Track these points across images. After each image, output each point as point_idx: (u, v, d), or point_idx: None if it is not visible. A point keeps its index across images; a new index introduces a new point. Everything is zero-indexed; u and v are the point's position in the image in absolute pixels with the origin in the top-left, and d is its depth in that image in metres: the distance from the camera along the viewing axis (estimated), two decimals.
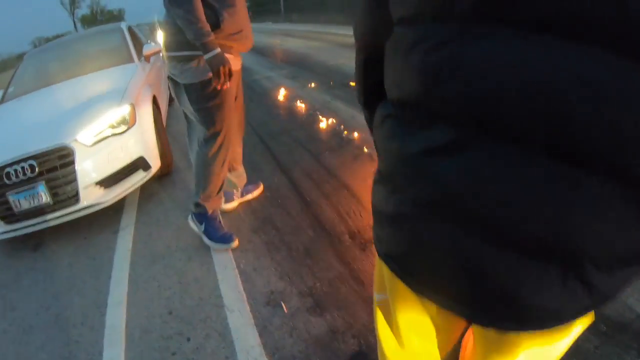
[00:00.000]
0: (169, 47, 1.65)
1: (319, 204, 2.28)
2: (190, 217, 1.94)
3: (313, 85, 4.93)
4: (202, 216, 1.87)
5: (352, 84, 4.86)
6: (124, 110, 2.27)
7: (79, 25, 51.05)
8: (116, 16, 54.61)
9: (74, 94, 2.62)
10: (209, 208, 1.86)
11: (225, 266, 1.84)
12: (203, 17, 1.45)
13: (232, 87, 1.72)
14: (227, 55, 1.60)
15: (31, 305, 1.83)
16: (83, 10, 54.36)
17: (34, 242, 2.19)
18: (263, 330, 1.50)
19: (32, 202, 1.92)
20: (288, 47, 8.58)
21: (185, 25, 1.46)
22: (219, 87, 1.60)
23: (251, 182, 2.32)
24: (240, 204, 2.32)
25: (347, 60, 6.67)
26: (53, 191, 1.95)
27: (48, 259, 2.04)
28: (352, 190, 2.38)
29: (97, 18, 52.86)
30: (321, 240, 1.98)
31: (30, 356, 1.61)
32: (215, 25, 1.54)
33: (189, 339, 1.50)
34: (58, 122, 2.15)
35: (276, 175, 2.64)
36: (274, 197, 2.38)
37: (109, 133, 2.16)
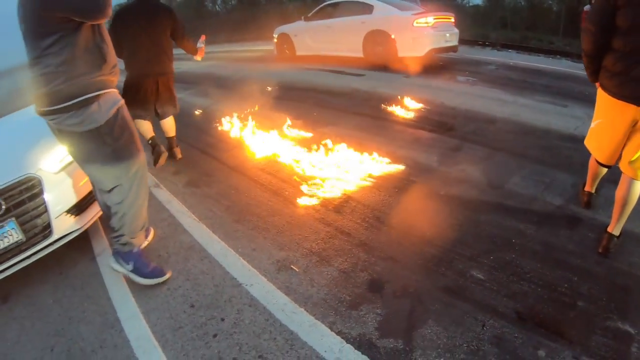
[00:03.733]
0: (53, 100, 1.54)
1: (276, 185, 2.61)
2: (113, 260, 1.89)
3: (234, 99, 5.13)
4: (129, 255, 1.85)
5: (269, 88, 5.23)
6: None
7: None
8: None
9: (18, 123, 2.37)
10: (136, 244, 1.87)
11: (225, 255, 2.05)
12: None
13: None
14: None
15: (30, 354, 1.64)
16: None
17: (0, 294, 1.98)
18: (288, 290, 1.79)
19: (1, 242, 1.78)
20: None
21: None
22: None
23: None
24: (207, 208, 2.50)
25: (250, 72, 6.99)
26: (23, 227, 1.84)
27: (26, 304, 1.89)
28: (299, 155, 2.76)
29: None
30: (298, 213, 2.32)
31: None
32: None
33: (223, 319, 1.69)
34: (15, 152, 2.00)
35: (233, 177, 2.86)
36: (229, 191, 2.62)
37: None
